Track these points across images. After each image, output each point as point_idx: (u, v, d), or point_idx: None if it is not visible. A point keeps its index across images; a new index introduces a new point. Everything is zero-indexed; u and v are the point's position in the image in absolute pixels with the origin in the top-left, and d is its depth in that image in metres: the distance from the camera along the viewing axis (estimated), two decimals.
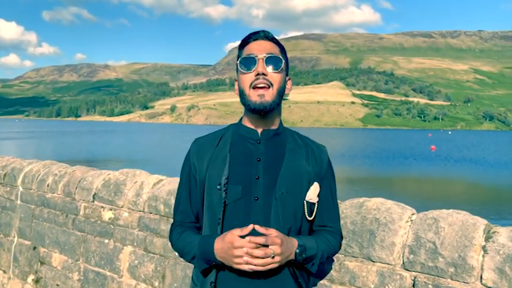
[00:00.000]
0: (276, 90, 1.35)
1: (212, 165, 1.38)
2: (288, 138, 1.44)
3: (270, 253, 1.19)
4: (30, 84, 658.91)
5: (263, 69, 1.33)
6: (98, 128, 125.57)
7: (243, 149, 1.39)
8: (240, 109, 1.45)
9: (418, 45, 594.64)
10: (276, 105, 1.36)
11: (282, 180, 1.33)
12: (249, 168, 1.35)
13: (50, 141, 56.40)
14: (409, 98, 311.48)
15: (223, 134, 1.46)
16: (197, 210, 1.46)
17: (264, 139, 1.40)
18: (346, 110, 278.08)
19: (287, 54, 1.47)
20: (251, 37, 1.40)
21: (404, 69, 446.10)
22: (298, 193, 1.35)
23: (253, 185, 1.33)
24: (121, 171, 3.29)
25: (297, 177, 1.36)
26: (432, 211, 2.00)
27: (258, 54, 1.35)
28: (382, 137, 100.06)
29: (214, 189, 1.35)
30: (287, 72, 1.45)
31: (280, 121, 1.46)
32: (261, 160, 1.37)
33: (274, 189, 1.32)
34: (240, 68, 1.38)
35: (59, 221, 3.49)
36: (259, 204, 1.32)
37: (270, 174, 1.34)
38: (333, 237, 1.45)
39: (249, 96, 1.35)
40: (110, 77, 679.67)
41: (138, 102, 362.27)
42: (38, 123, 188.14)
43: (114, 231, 3.06)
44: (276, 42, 1.40)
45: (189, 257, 1.38)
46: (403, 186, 22.61)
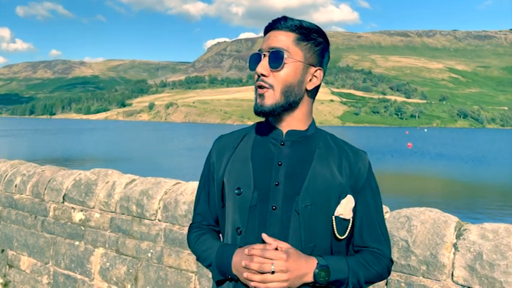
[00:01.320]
0: (280, 91, 1.16)
1: (231, 166, 1.25)
2: (320, 142, 1.24)
3: (268, 268, 1.05)
4: (2, 81, 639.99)
5: (262, 68, 1.17)
6: (73, 126, 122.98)
7: (265, 150, 1.23)
8: (219, 107, 1.30)
9: (395, 44, 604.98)
10: (280, 108, 1.17)
11: (306, 190, 1.15)
12: (268, 173, 1.19)
13: (22, 139, 54.90)
14: (387, 96, 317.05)
15: (246, 133, 1.32)
16: (216, 213, 1.33)
17: (290, 141, 1.22)
18: (325, 107, 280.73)
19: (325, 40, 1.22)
20: (269, 27, 1.22)
21: (382, 67, 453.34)
22: (326, 207, 1.16)
23: (272, 192, 1.16)
24: (92, 170, 3.19)
25: (325, 188, 1.16)
26: (405, 209, 2.01)
27: (263, 48, 1.19)
28: (360, 135, 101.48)
29: (232, 193, 1.22)
30: (318, 62, 1.21)
31: (311, 121, 1.27)
32: (282, 164, 1.19)
33: (296, 199, 1.15)
34: (248, 65, 1.24)
35: (27, 223, 3.37)
36: (277, 215, 1.15)
37: (292, 182, 1.17)
38: (376, 259, 1.21)
39: (256, 97, 1.21)
40: (86, 74, 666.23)
41: (116, 99, 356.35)
42: (11, 121, 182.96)
43: (85, 233, 2.97)
44: (293, 29, 1.17)
45: (206, 263, 1.27)
46: (379, 183, 22.93)
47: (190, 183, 2.73)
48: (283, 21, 1.18)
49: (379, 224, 1.25)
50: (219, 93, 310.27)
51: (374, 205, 1.25)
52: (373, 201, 1.25)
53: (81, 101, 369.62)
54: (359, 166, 1.23)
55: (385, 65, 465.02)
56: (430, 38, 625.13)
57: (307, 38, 1.18)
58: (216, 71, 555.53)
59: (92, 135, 68.95)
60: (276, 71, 1.16)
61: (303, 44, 1.18)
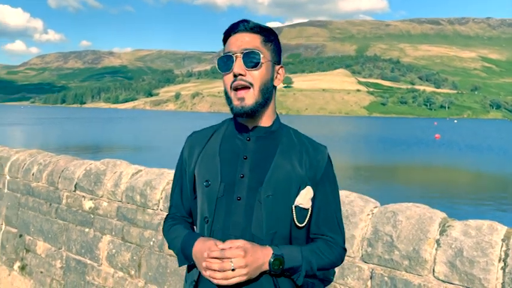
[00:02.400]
0: (258, 89, 1.25)
1: (201, 161, 1.34)
2: (283, 137, 1.33)
3: (228, 267, 1.12)
4: (35, 71, 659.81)
5: (239, 68, 1.23)
6: (102, 115, 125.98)
7: (232, 145, 1.32)
8: None
9: (425, 32, 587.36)
10: (259, 106, 1.26)
11: (268, 181, 1.24)
12: (234, 166, 1.28)
13: (54, 127, 56.71)
14: (415, 86, 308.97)
15: (216, 129, 1.40)
16: (189, 205, 1.43)
17: (255, 136, 1.32)
18: (351, 98, 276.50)
19: (278, 40, 1.33)
20: (231, 30, 1.29)
21: (411, 56, 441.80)
22: (286, 197, 1.25)
23: (237, 184, 1.25)
24: (102, 161, 3.32)
25: (286, 179, 1.25)
26: (392, 204, 2.02)
27: (235, 50, 1.25)
28: (386, 125, 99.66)
29: (201, 186, 1.31)
30: (278, 60, 1.32)
31: (275, 118, 1.35)
32: (247, 158, 1.28)
33: (259, 190, 1.23)
34: (218, 68, 1.30)
35: (43, 210, 3.55)
36: (242, 205, 1.24)
37: (256, 174, 1.26)
38: (329, 248, 1.29)
39: (231, 99, 1.27)
40: (114, 64, 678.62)
41: (143, 89, 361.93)
42: (44, 110, 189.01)
43: (94, 221, 3.12)
44: (257, 31, 1.28)
45: (175, 251, 1.36)
46: (399, 174, 22.60)
47: None
48: (246, 23, 1.26)
49: (335, 214, 1.33)
50: None
51: (332, 196, 1.33)
52: (331, 192, 1.33)
53: (110, 91, 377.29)
54: (318, 159, 1.31)
55: (415, 54, 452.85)
56: (462, 26, 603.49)
57: (269, 39, 1.29)
58: None
59: (118, 124, 70.48)
60: (254, 70, 1.23)
61: (268, 45, 1.28)
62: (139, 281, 2.78)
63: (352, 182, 18.75)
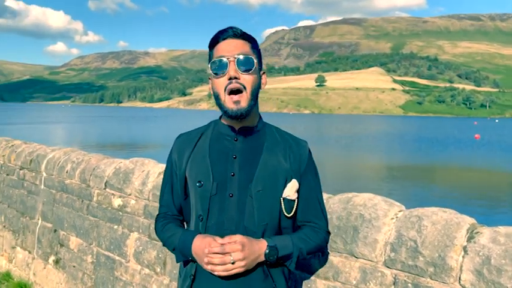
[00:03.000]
0: (250, 92, 1.33)
1: (192, 162, 1.41)
2: (267, 135, 1.44)
3: (228, 260, 1.22)
4: (75, 71, 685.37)
5: (235, 72, 1.30)
6: (138, 114, 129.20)
7: (220, 146, 1.40)
8: (276, 96, 1.49)
9: (464, 28, 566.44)
10: (252, 107, 1.34)
11: (258, 177, 1.34)
12: (224, 165, 1.36)
13: (91, 126, 58.68)
14: (454, 84, 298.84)
15: (204, 131, 1.48)
16: (179, 204, 1.51)
17: (242, 136, 1.41)
18: (386, 96, 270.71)
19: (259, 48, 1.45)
20: (220, 36, 1.36)
21: (450, 54, 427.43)
22: (275, 190, 1.35)
23: (229, 182, 1.34)
24: (131, 160, 3.40)
25: (274, 174, 1.36)
26: (418, 208, 1.96)
27: (228, 55, 1.31)
28: (423, 125, 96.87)
29: (194, 186, 1.38)
30: (261, 66, 1.43)
31: (259, 117, 1.46)
32: (237, 157, 1.37)
33: (250, 186, 1.33)
34: (212, 71, 1.35)
35: (75, 206, 3.67)
36: (234, 201, 1.33)
37: (245, 172, 1.35)
38: (315, 233, 1.45)
39: (225, 102, 1.33)
40: (149, 63, 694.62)
41: (177, 88, 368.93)
42: (82, 109, 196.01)
43: (122, 218, 3.20)
44: (246, 38, 1.37)
45: (170, 248, 1.44)
46: (434, 175, 21.89)
47: None
48: (235, 30, 1.34)
49: (319, 202, 1.47)
50: (275, 82, 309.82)
51: (314, 186, 1.46)
52: (314, 182, 1.46)
53: (146, 90, 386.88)
54: (301, 153, 1.42)
55: (453, 51, 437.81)
56: (504, 22, 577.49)
57: (255, 46, 1.38)
58: (274, 59, 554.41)
59: (152, 123, 72.07)
60: (247, 74, 1.31)
61: (255, 52, 1.37)
62: (165, 278, 2.83)
63: (383, 182, 18.36)
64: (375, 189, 15.58)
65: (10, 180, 4.69)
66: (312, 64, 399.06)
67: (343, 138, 44.89)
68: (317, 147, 34.32)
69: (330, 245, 2.05)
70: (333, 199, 2.17)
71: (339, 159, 27.24)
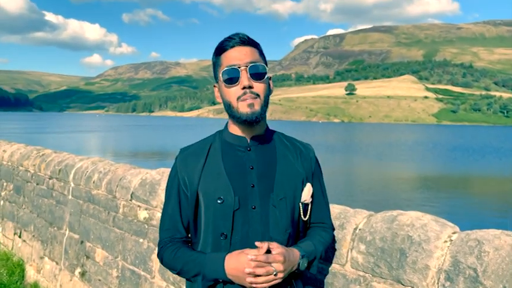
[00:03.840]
0: (263, 99, 1.31)
1: (206, 178, 1.34)
2: (276, 142, 1.42)
3: (272, 271, 1.20)
4: (109, 82, 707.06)
5: (248, 81, 1.27)
6: (168, 123, 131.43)
7: (234, 157, 1.35)
8: (305, 104, 1.41)
9: (501, 34, 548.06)
10: (265, 112, 1.34)
11: (278, 186, 1.32)
12: (243, 178, 1.32)
13: (123, 134, 60.00)
14: (491, 92, 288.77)
15: (211, 143, 1.40)
16: (188, 226, 1.41)
17: (254, 146, 1.37)
18: (418, 105, 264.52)
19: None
20: (228, 43, 1.31)
21: (485, 60, 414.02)
22: (294, 196, 1.35)
23: (249, 194, 1.30)
24: (157, 170, 3.28)
25: (292, 181, 1.35)
26: (476, 231, 1.71)
27: (240, 63, 1.28)
28: (458, 134, 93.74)
29: (213, 203, 1.31)
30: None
31: (265, 124, 1.43)
32: (254, 168, 1.33)
33: (271, 196, 1.31)
34: (223, 81, 1.31)
35: (102, 218, 3.58)
36: (257, 213, 1.30)
37: (264, 182, 1.32)
38: (327, 233, 1.48)
39: (238, 108, 1.30)
40: (180, 74, 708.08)
41: (207, 98, 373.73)
42: (115, 118, 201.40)
43: (148, 231, 3.07)
44: (253, 44, 1.33)
45: (190, 275, 1.33)
46: (473, 187, 20.91)
47: None
48: (242, 37, 1.31)
49: (325, 202, 1.50)
50: (305, 91, 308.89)
51: (322, 186, 1.48)
52: (321, 183, 1.48)
53: (176, 100, 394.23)
54: (310, 156, 1.43)
55: (489, 58, 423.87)
56: None
57: (262, 52, 1.37)
58: (303, 68, 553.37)
59: (182, 131, 73.00)
60: (260, 82, 1.29)
61: (263, 57, 1.36)
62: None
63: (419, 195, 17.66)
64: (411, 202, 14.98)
65: (40, 189, 4.68)
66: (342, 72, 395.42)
67: (374, 147, 43.91)
68: (347, 157, 33.61)
69: (373, 269, 1.83)
70: (375, 217, 1.95)
71: (371, 170, 26.53)
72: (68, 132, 59.02)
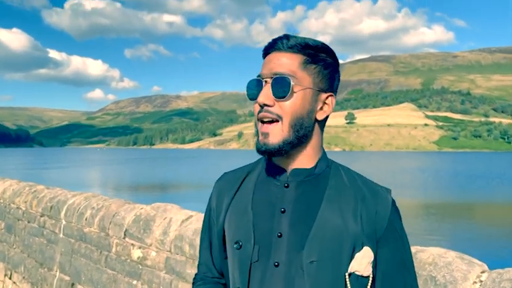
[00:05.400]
0: (288, 124, 0.97)
1: (231, 212, 1.07)
2: (331, 181, 1.02)
3: None
4: (110, 116, 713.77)
5: (265, 97, 0.98)
6: (169, 155, 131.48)
7: (267, 194, 1.04)
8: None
9: (497, 61, 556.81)
10: (288, 145, 0.98)
11: (311, 242, 0.95)
12: (270, 222, 1.00)
13: (123, 168, 59.83)
14: (490, 119, 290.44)
15: (249, 171, 1.11)
16: (220, 264, 1.15)
17: (295, 182, 1.02)
18: (419, 132, 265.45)
19: (333, 60, 1.03)
20: (270, 45, 1.03)
21: (483, 87, 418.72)
22: (337, 262, 0.95)
23: (274, 246, 0.98)
24: (152, 205, 3.09)
25: (336, 239, 0.96)
26: (508, 269, 1.52)
27: (265, 74, 1.00)
28: (460, 160, 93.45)
29: (231, 247, 1.05)
30: (329, 86, 1.02)
31: (320, 157, 1.05)
32: (285, 211, 1.00)
33: (301, 253, 0.95)
34: (247, 93, 1.06)
35: (93, 258, 3.36)
36: (280, 273, 0.96)
37: (297, 232, 0.97)
38: None
39: (258, 133, 1.02)
40: (181, 106, 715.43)
41: (208, 129, 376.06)
42: (116, 152, 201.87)
43: (142, 272, 2.84)
44: (298, 50, 0.99)
45: None
46: (484, 214, 20.49)
47: None
48: (285, 40, 1.00)
49: (406, 282, 1.00)
50: None
51: (399, 259, 1.00)
52: (398, 253, 1.00)
53: (177, 132, 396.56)
54: (379, 209, 0.99)
55: (487, 84, 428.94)
56: None
57: (315, 60, 1.00)
58: None
59: (183, 163, 72.84)
60: (283, 100, 0.97)
61: (311, 68, 0.99)
62: None
63: (424, 225, 17.26)
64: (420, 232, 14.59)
65: (31, 227, 4.47)
66: (341, 102, 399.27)
67: (376, 175, 43.57)
68: None
69: None
70: None
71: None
72: (66, 167, 58.85)
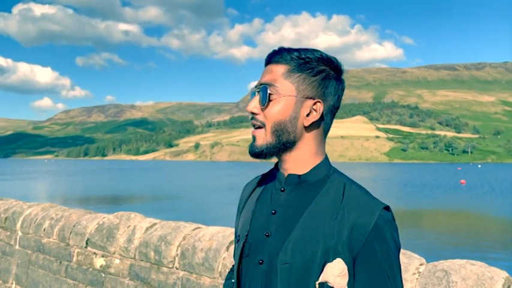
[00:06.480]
0: (270, 129, 1.03)
1: (242, 213, 1.17)
2: (323, 190, 1.03)
3: None
4: (60, 126, 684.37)
5: (252, 107, 1.05)
6: (123, 166, 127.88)
7: (267, 197, 1.11)
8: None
9: (442, 78, 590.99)
10: (272, 149, 1.03)
11: (288, 245, 0.98)
12: (262, 222, 1.06)
13: (72, 180, 57.54)
14: (436, 131, 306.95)
15: (265, 176, 1.19)
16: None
17: (290, 186, 1.06)
18: (370, 144, 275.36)
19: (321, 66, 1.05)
20: (266, 60, 1.10)
21: (429, 102, 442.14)
22: (306, 269, 0.95)
23: (261, 244, 1.04)
24: (116, 214, 3.13)
25: (310, 245, 0.96)
26: (443, 262, 1.74)
27: (257, 85, 1.07)
28: (409, 171, 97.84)
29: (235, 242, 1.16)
30: (317, 93, 1.04)
31: (320, 163, 1.07)
32: (276, 213, 1.05)
33: (279, 254, 0.99)
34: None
35: (53, 268, 3.33)
36: (262, 270, 1.02)
37: (281, 234, 1.01)
38: None
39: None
40: (136, 116, 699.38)
41: (163, 140, 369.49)
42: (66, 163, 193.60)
43: (104, 280, 2.87)
44: (286, 60, 1.04)
45: None
46: (426, 221, 21.66)
47: (209, 228, 2.58)
48: (277, 53, 1.06)
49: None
50: None
51: (378, 277, 0.93)
52: (379, 271, 0.93)
53: (131, 143, 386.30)
54: (357, 223, 0.95)
55: (433, 99, 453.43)
56: (479, 71, 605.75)
57: (301, 69, 1.03)
58: None
59: (138, 175, 71.16)
60: (265, 108, 1.04)
61: (295, 76, 1.03)
62: None
63: None
64: None
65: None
66: None
67: None
68: None
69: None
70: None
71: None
72: (10, 180, 55.72)
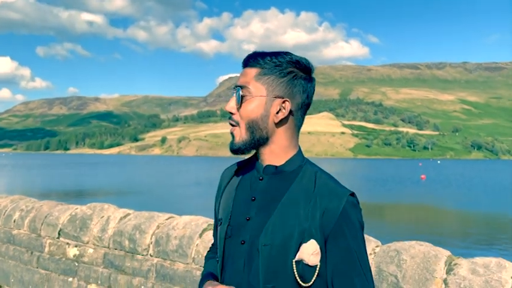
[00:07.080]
0: (244, 127, 1.16)
1: (222, 198, 1.28)
2: (298, 178, 1.16)
3: None
4: (18, 118, 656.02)
5: (229, 107, 1.18)
6: (87, 160, 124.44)
7: (246, 184, 1.23)
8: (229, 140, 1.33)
9: (405, 76, 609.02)
10: (247, 144, 1.16)
11: (267, 228, 1.10)
12: (243, 207, 1.19)
13: (33, 173, 55.58)
14: (399, 128, 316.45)
15: (242, 164, 1.31)
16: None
17: (268, 176, 1.19)
18: (336, 140, 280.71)
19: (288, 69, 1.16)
20: (243, 63, 1.22)
21: (393, 99, 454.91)
22: (284, 249, 1.08)
23: (243, 227, 1.16)
24: (89, 205, 3.20)
25: (287, 228, 1.09)
26: (395, 243, 1.96)
27: (233, 87, 1.20)
28: (373, 166, 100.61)
29: (217, 225, 1.27)
30: (285, 92, 1.15)
31: (294, 155, 1.20)
32: (255, 199, 1.17)
33: (260, 236, 1.11)
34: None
35: (24, 259, 3.36)
36: (244, 250, 1.14)
37: (260, 218, 1.13)
38: None
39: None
40: (100, 109, 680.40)
41: (128, 134, 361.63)
42: (26, 156, 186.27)
43: (78, 269, 2.95)
44: (256, 63, 1.16)
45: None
46: (391, 215, 22.55)
47: (182, 218, 2.71)
48: (250, 57, 1.18)
49: (355, 277, 1.07)
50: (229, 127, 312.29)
51: (347, 254, 1.07)
52: (347, 250, 1.07)
53: (95, 136, 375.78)
54: (328, 208, 1.08)
55: (396, 97, 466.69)
56: (440, 70, 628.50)
57: (271, 71, 1.15)
58: None
59: (103, 169, 69.55)
60: (239, 107, 1.16)
61: (265, 78, 1.15)
62: None
63: None
64: None
65: None
66: None
67: None
68: None
69: None
70: None
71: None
72: None
